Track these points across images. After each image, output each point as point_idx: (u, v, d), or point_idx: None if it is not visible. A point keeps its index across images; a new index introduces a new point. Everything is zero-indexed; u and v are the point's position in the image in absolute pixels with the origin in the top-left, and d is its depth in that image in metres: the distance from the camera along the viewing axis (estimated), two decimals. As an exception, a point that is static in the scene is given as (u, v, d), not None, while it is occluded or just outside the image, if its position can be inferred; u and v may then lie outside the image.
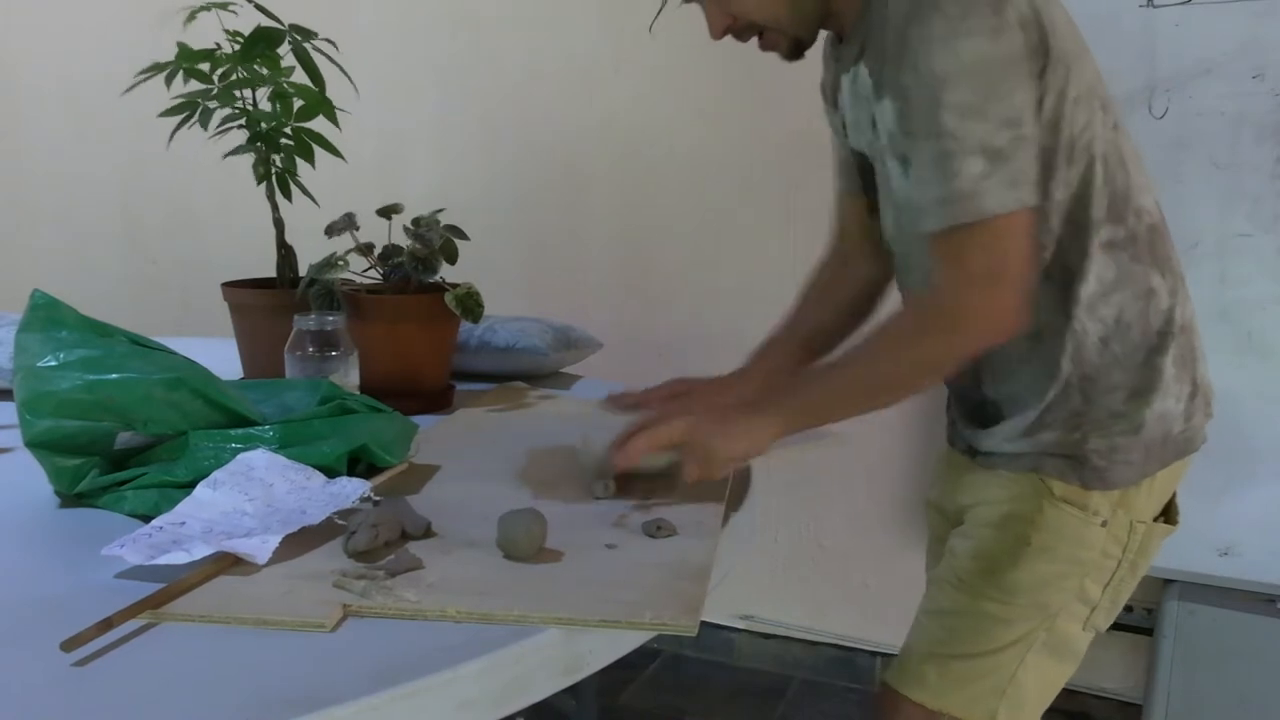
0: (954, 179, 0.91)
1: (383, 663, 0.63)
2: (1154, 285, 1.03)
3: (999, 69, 0.91)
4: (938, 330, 0.96)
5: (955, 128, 0.91)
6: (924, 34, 0.91)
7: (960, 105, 0.90)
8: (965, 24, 0.90)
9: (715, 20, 1.06)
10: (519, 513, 0.82)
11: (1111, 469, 1.03)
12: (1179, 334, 1.04)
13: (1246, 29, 1.73)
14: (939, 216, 0.93)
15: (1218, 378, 1.12)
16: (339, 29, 1.42)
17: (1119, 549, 1.05)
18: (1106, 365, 1.02)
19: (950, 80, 0.90)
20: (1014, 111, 0.92)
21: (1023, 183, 0.92)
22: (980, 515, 1.10)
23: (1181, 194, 1.78)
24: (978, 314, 0.95)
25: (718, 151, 2.31)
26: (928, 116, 0.92)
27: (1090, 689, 2.11)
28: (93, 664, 0.63)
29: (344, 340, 1.20)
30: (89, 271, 2.93)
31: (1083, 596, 1.06)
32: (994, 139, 0.91)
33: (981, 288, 0.94)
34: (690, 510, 0.94)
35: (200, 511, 0.85)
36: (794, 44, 1.07)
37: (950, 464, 1.20)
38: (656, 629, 0.71)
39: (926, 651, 1.11)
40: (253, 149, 1.38)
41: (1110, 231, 1.01)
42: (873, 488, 2.27)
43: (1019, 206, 0.92)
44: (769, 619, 2.42)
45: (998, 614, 1.06)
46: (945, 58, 0.90)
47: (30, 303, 0.95)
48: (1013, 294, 0.94)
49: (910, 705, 1.09)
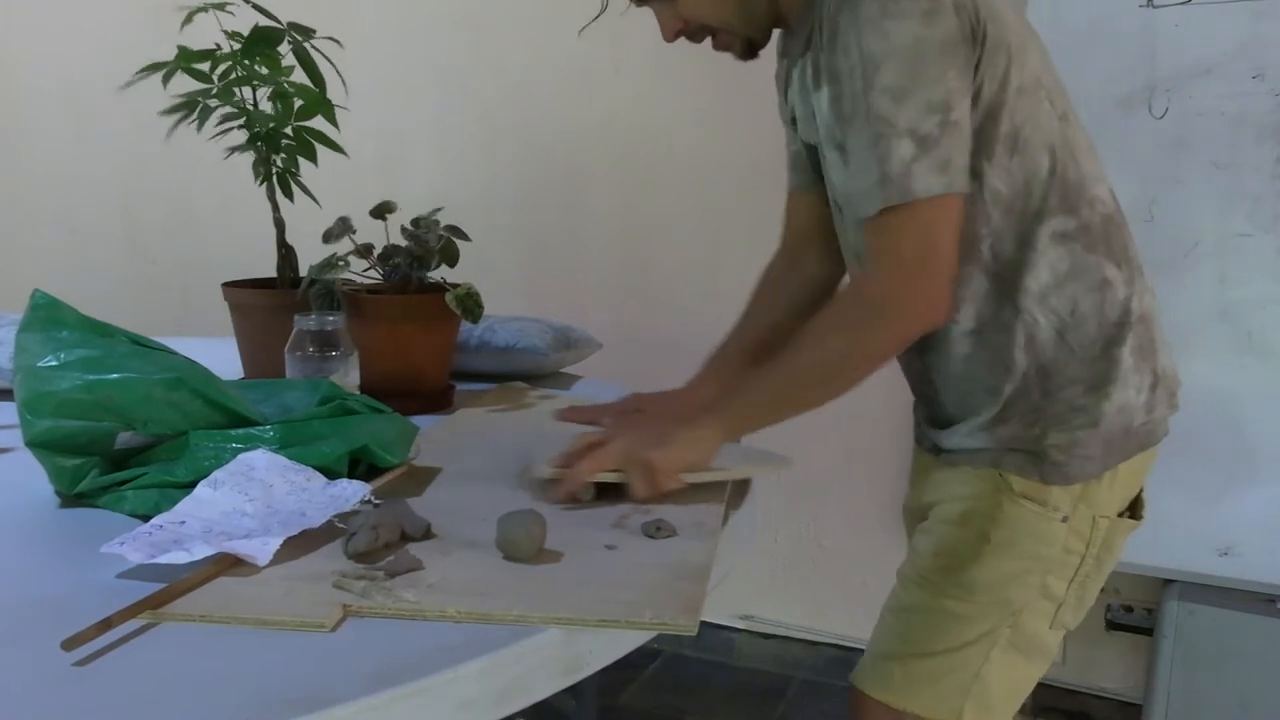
0: (884, 162, 0.91)
1: (383, 663, 0.63)
2: (1109, 276, 1.02)
3: (929, 52, 0.91)
4: (866, 320, 0.96)
5: (885, 110, 0.91)
6: (855, 17, 0.92)
7: (889, 87, 0.91)
8: (897, 6, 0.90)
9: (667, 23, 1.06)
10: (518, 514, 0.82)
11: (1070, 463, 1.02)
12: (1136, 324, 1.03)
13: (1246, 29, 1.73)
14: (873, 200, 0.93)
15: (1217, 378, 1.12)
16: (339, 29, 1.42)
17: (1082, 544, 1.04)
18: (1063, 358, 1.01)
19: (880, 62, 0.90)
20: (942, 96, 0.91)
21: (951, 168, 0.92)
22: (942, 512, 1.09)
23: (1181, 194, 1.78)
24: (903, 301, 0.95)
25: (718, 151, 2.31)
26: (859, 100, 0.92)
27: (1090, 689, 2.11)
28: (94, 664, 0.63)
29: (344, 340, 1.20)
30: (89, 271, 2.93)
31: (1046, 593, 1.04)
32: (921, 124, 0.91)
33: (908, 274, 0.94)
34: (690, 511, 0.94)
35: (200, 511, 0.85)
36: (747, 45, 1.08)
37: (918, 464, 1.19)
38: (656, 629, 0.71)
39: (890, 651, 1.10)
40: (253, 148, 1.38)
41: (1062, 222, 1.00)
42: (873, 488, 2.27)
43: (946, 191, 0.92)
44: (769, 619, 2.42)
45: (959, 611, 1.05)
46: (876, 39, 0.90)
47: (30, 303, 0.95)
48: (939, 280, 0.94)
49: (875, 705, 1.09)
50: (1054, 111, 1.00)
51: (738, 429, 1.01)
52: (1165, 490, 1.73)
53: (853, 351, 0.97)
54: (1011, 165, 0.98)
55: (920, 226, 0.93)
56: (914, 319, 0.96)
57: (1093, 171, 1.03)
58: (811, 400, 0.99)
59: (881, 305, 0.96)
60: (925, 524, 1.12)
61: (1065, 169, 1.00)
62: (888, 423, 2.14)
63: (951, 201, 0.93)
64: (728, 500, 0.98)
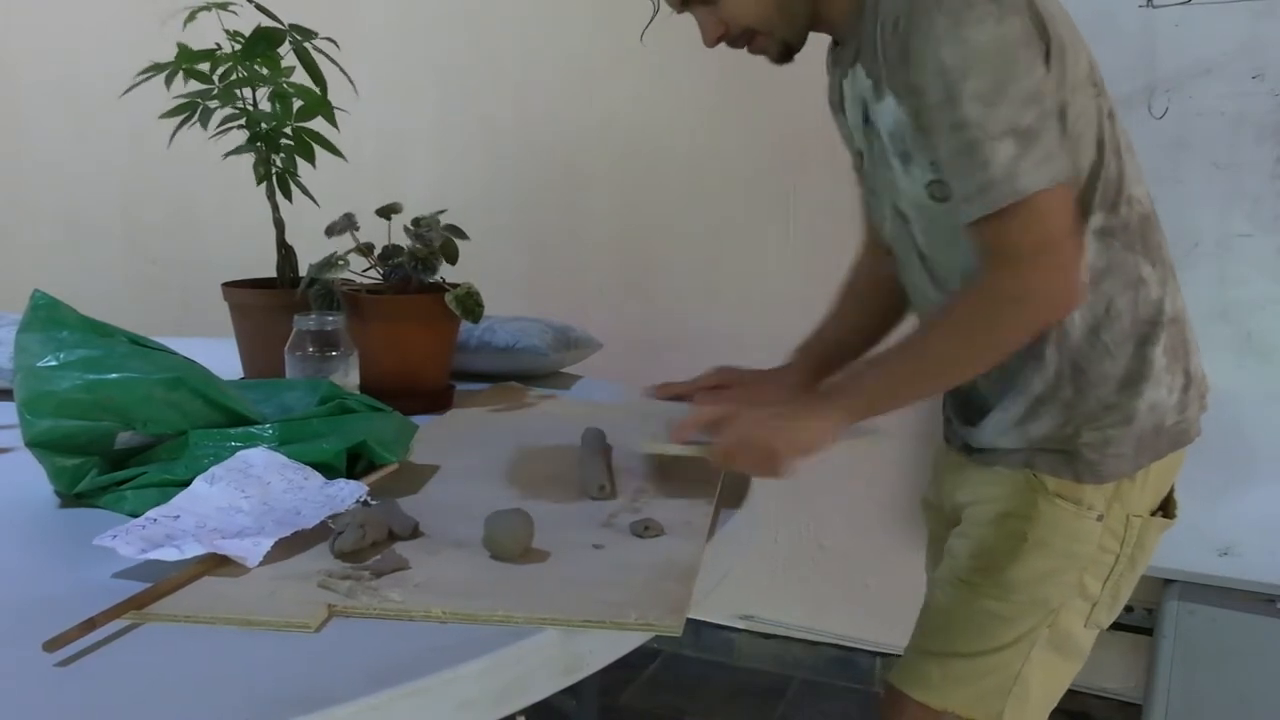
0: (986, 167, 0.91)
1: (377, 663, 0.63)
2: (1144, 275, 1.02)
3: (1011, 49, 0.91)
4: (1002, 313, 0.96)
5: (978, 116, 0.90)
6: (930, 29, 0.91)
7: (979, 93, 0.90)
8: (970, 13, 0.90)
9: (709, 28, 1.06)
10: (505, 513, 0.82)
11: (1104, 462, 1.02)
12: (1169, 324, 1.03)
13: (1246, 29, 1.73)
14: (978, 205, 0.93)
15: (1217, 378, 1.12)
16: (339, 29, 1.42)
17: (1116, 543, 1.05)
18: (1096, 355, 1.02)
19: (965, 70, 0.90)
20: (1034, 87, 0.91)
21: (1055, 157, 0.92)
22: (977, 514, 1.10)
23: (1181, 194, 1.78)
24: (1039, 290, 0.95)
25: (718, 151, 2.31)
26: (947, 111, 0.92)
27: (1090, 689, 2.11)
28: (92, 664, 0.63)
29: (344, 340, 1.20)
30: (89, 271, 2.93)
31: (1082, 592, 1.05)
32: (1020, 119, 0.90)
33: (1035, 265, 0.94)
34: (679, 510, 0.94)
35: (195, 506, 0.85)
36: (783, 47, 1.08)
37: (947, 462, 1.20)
38: (641, 629, 0.71)
39: (929, 651, 1.11)
40: (253, 149, 1.38)
41: (1103, 219, 1.01)
42: (873, 488, 2.27)
43: (1053, 183, 0.91)
44: (769, 619, 2.42)
45: (998, 611, 1.06)
46: (955, 49, 0.90)
47: (30, 303, 0.95)
48: (1068, 265, 0.94)
49: (915, 705, 1.09)
50: (1103, 108, 1.01)
51: (861, 413, 1.01)
52: (1165, 490, 1.73)
53: (987, 344, 0.97)
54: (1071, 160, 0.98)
55: (1034, 221, 0.92)
56: (1050, 308, 0.96)
57: (1133, 170, 1.04)
58: (934, 389, 1.02)
59: (1019, 298, 0.95)
60: (960, 527, 1.12)
61: (1109, 166, 1.01)
62: (888, 423, 2.14)
63: (1062, 190, 0.93)
64: (719, 499, 0.98)
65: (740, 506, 1.00)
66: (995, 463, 1.08)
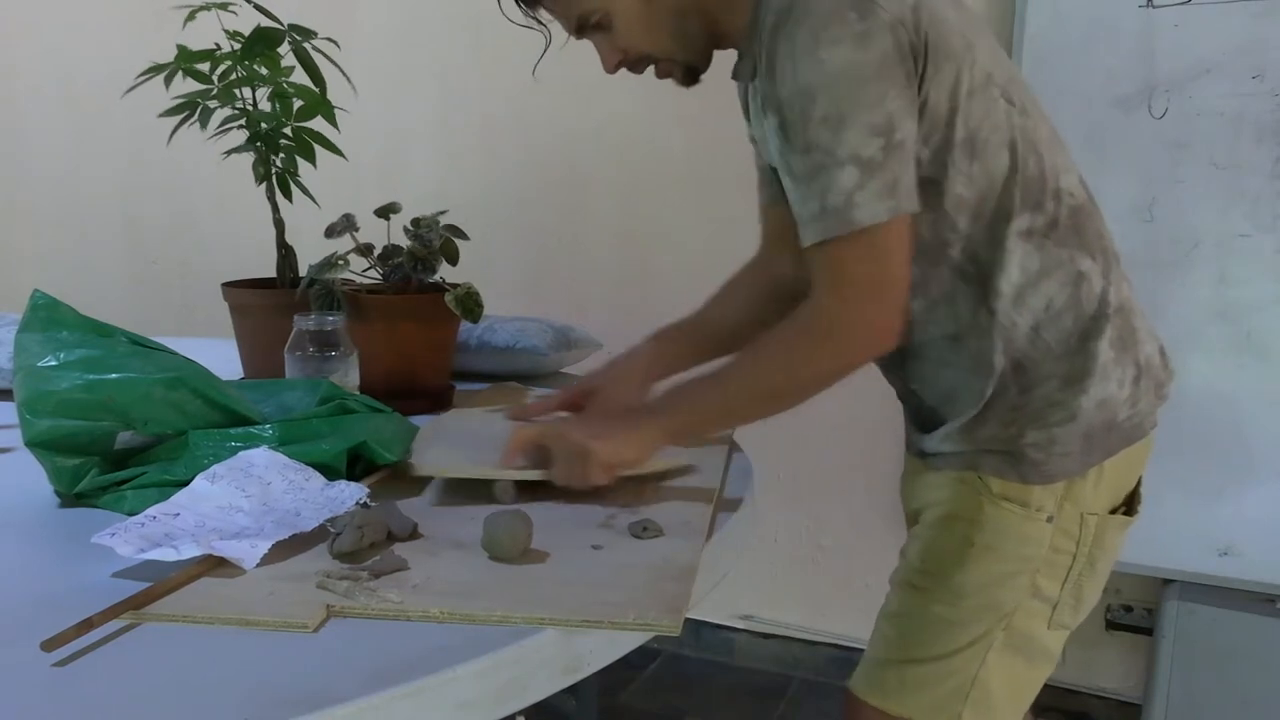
0: (827, 193, 0.90)
1: (377, 663, 0.63)
2: (1083, 269, 1.00)
3: (866, 76, 0.89)
4: (819, 343, 0.95)
5: (825, 140, 0.90)
6: (791, 47, 0.90)
7: (826, 118, 0.89)
8: (829, 33, 0.89)
9: (607, 55, 1.07)
10: (504, 513, 0.82)
11: (1050, 461, 1.00)
12: (1114, 315, 1.01)
13: (1246, 29, 1.73)
14: (815, 230, 0.92)
15: (1218, 378, 1.12)
16: (339, 29, 1.43)
17: (1071, 543, 1.02)
18: (1039, 354, 1.00)
19: (817, 92, 0.89)
20: (883, 118, 0.90)
21: (899, 190, 0.91)
22: (926, 517, 1.08)
23: (1181, 194, 1.78)
24: (856, 327, 0.95)
25: (718, 152, 2.30)
26: (800, 130, 0.91)
27: (1090, 689, 2.11)
28: (90, 664, 0.63)
29: (344, 340, 1.20)
30: (89, 271, 2.93)
31: (1038, 594, 1.03)
32: (863, 149, 0.89)
33: (860, 300, 0.93)
34: (678, 511, 0.94)
35: (195, 504, 0.85)
36: (687, 71, 1.08)
37: (907, 468, 1.19)
38: (639, 629, 0.71)
39: (884, 657, 1.09)
40: (253, 149, 1.38)
41: (1029, 219, 0.99)
42: (873, 488, 2.27)
43: (893, 215, 0.91)
44: (769, 619, 2.42)
45: (948, 616, 1.04)
46: (812, 69, 0.89)
47: (30, 303, 0.95)
48: (888, 306, 0.94)
49: (872, 711, 1.08)
50: (1010, 107, 0.99)
51: (680, 433, 1.02)
52: (1165, 490, 1.73)
53: (798, 376, 0.96)
54: (973, 170, 0.97)
55: (867, 253, 0.92)
56: (860, 346, 0.96)
57: (1058, 163, 1.02)
58: (754, 415, 1.00)
59: (827, 332, 0.95)
60: (913, 529, 1.12)
61: (1026, 164, 0.99)
62: (888, 423, 2.12)
63: (898, 224, 0.92)
64: (719, 501, 0.98)
65: (740, 507, 1.00)
66: (943, 466, 1.06)
